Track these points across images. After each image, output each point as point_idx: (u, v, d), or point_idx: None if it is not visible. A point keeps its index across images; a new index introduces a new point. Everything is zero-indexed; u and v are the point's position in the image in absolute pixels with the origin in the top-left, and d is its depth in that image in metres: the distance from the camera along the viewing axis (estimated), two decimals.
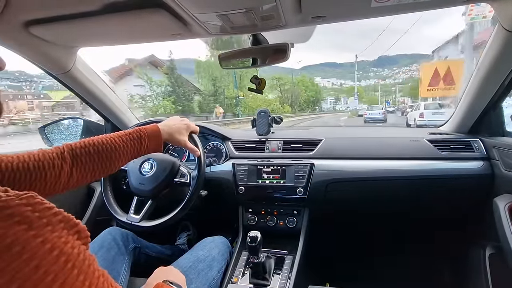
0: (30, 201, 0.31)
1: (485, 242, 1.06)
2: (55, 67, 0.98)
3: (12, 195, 0.30)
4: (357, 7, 0.70)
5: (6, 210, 0.28)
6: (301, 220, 1.10)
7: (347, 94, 64.07)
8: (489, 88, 0.95)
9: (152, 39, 0.91)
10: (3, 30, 0.75)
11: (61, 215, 0.32)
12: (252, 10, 0.66)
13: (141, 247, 1.00)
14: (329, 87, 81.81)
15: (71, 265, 0.30)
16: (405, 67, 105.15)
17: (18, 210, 0.29)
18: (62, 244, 0.30)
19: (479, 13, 1.46)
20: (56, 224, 0.31)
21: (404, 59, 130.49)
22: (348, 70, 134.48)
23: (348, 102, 61.25)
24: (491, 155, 1.02)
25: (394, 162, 1.08)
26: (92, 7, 0.67)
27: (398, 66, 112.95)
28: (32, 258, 0.27)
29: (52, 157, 0.63)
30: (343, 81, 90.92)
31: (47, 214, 0.31)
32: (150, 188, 1.00)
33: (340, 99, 66.85)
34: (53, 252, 0.29)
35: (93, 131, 1.32)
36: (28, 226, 0.28)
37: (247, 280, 0.92)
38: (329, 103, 65.60)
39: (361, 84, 67.80)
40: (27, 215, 0.29)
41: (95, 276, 0.33)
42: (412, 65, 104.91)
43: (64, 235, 0.31)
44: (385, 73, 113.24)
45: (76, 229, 0.33)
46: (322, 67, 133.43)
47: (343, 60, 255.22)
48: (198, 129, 0.94)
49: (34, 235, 0.28)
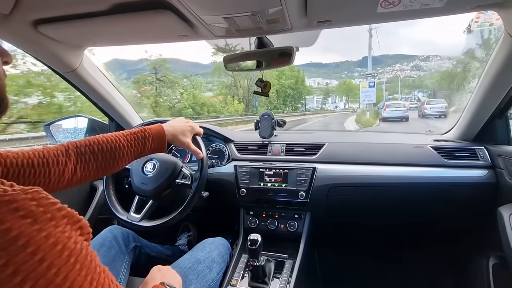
0: (35, 196, 0.31)
1: (489, 252, 1.05)
2: (62, 65, 1.00)
3: (18, 190, 0.31)
4: (362, 13, 0.70)
5: (12, 204, 0.29)
6: (302, 224, 1.09)
7: (339, 92, 62.29)
8: (495, 96, 0.94)
9: (158, 40, 0.92)
10: (13, 29, 0.76)
11: (64, 210, 0.33)
12: (258, 13, 0.67)
13: (141, 247, 1.00)
14: (315, 86, 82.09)
15: (73, 260, 0.30)
16: (388, 67, 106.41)
17: (24, 205, 0.30)
18: (65, 239, 0.31)
19: (486, 21, 1.46)
20: (59, 219, 0.32)
21: (387, 59, 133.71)
22: (333, 70, 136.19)
23: (337, 101, 59.20)
24: (496, 164, 1.00)
25: (397, 168, 1.07)
26: (99, 7, 0.68)
27: (381, 66, 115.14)
28: (37, 251, 0.28)
29: (57, 154, 0.64)
30: (328, 80, 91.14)
31: (51, 209, 0.32)
32: (151, 188, 1.00)
33: (328, 97, 65.04)
34: (56, 246, 0.30)
35: (97, 130, 1.33)
36: (33, 220, 0.29)
37: (246, 283, 0.91)
38: (315, 102, 63.80)
39: (344, 88, 68.28)
40: (32, 210, 0.30)
41: (97, 272, 0.33)
42: (395, 65, 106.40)
43: (68, 230, 0.32)
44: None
45: (79, 225, 0.34)
46: (307, 67, 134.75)
47: (328, 60, 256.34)
48: (202, 131, 0.94)
49: (38, 229, 0.29)
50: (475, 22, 1.53)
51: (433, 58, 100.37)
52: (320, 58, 54.72)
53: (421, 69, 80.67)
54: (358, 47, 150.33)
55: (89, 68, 1.07)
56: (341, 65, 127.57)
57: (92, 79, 1.10)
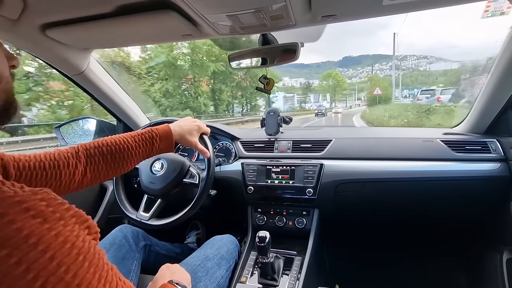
0: (44, 197, 0.32)
1: (502, 246, 1.03)
2: (69, 68, 1.01)
3: (28, 191, 0.32)
4: (368, 6, 0.69)
5: (23, 205, 0.30)
6: (311, 221, 1.09)
7: (322, 90, 60.22)
8: (507, 87, 0.91)
9: (163, 40, 0.93)
10: (21, 33, 0.77)
11: (72, 210, 0.34)
12: (261, 10, 0.66)
13: (151, 245, 1.01)
14: (297, 86, 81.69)
15: (82, 258, 0.31)
16: (368, 67, 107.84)
17: (34, 205, 0.31)
18: (74, 237, 0.32)
19: (497, 9, 1.41)
20: (68, 219, 0.33)
21: (367, 59, 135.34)
22: (315, 71, 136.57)
23: (319, 100, 56.95)
24: (508, 157, 0.98)
25: (406, 163, 1.05)
26: (105, 10, 0.68)
27: (361, 66, 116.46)
28: (47, 249, 0.29)
29: (67, 156, 0.65)
30: (311, 81, 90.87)
31: (60, 209, 0.33)
32: (160, 187, 1.01)
33: (309, 97, 62.80)
34: (66, 244, 0.30)
35: (105, 131, 1.35)
36: (43, 220, 0.30)
37: (255, 280, 0.92)
38: (296, 102, 61.76)
39: (329, 83, 67.34)
40: (42, 210, 0.31)
41: (105, 270, 0.34)
42: (375, 64, 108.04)
43: (76, 229, 0.33)
44: (350, 72, 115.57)
45: (86, 224, 0.35)
46: (289, 68, 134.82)
47: (310, 61, 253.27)
48: (209, 131, 0.94)
49: (48, 228, 0.30)
50: (485, 11, 1.48)
51: (410, 57, 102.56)
52: (302, 59, 54.92)
53: (399, 68, 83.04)
54: (339, 47, 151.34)
55: (96, 70, 1.09)
56: (322, 65, 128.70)
57: (99, 80, 1.11)
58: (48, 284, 0.28)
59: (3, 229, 0.28)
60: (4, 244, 0.27)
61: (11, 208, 0.29)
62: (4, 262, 0.27)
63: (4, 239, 0.27)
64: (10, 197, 0.30)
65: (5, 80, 0.42)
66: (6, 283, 0.27)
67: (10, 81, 0.43)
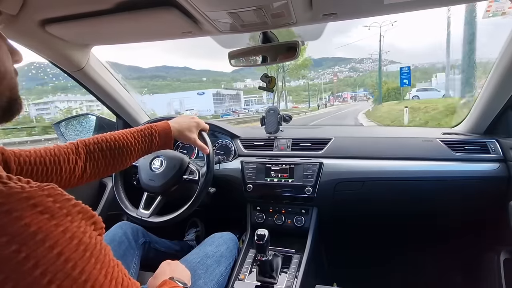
0: (51, 193, 0.32)
1: (500, 246, 1.03)
2: (69, 64, 1.01)
3: (35, 187, 0.32)
4: (369, 4, 0.69)
5: (30, 201, 0.30)
6: (309, 219, 1.10)
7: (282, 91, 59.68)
8: (507, 87, 0.91)
9: (163, 37, 0.92)
10: (21, 29, 0.77)
11: (79, 206, 0.34)
12: (262, 7, 0.66)
13: (150, 242, 1.02)
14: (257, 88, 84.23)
15: (89, 254, 0.31)
16: (328, 69, 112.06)
17: (41, 201, 0.30)
18: (81, 233, 0.32)
19: (498, 9, 1.41)
20: (75, 215, 0.33)
21: (327, 61, 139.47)
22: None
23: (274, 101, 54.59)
24: (508, 157, 0.98)
25: (405, 163, 1.05)
26: (105, 6, 0.68)
27: (322, 68, 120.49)
28: (55, 245, 0.29)
29: (67, 152, 0.65)
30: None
31: (67, 205, 0.33)
32: (159, 184, 1.01)
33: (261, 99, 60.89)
34: (73, 241, 0.30)
35: (105, 128, 1.35)
36: (50, 216, 0.30)
37: (254, 277, 0.92)
38: (243, 104, 60.71)
39: (291, 85, 67.69)
40: (49, 206, 0.31)
41: (111, 266, 0.34)
42: (335, 67, 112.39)
43: (83, 225, 0.33)
44: (312, 74, 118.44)
45: (92, 220, 0.35)
46: (251, 69, 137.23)
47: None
48: (208, 127, 0.94)
49: (55, 224, 0.30)
50: (486, 11, 1.48)
51: (366, 60, 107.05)
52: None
53: (358, 70, 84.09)
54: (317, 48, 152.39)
55: (96, 66, 1.09)
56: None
57: (99, 77, 1.11)
58: (56, 280, 0.28)
59: (11, 225, 0.28)
60: (12, 240, 0.27)
61: (19, 204, 0.29)
62: (12, 258, 0.27)
63: (12, 235, 0.27)
64: (18, 193, 0.30)
65: (9, 76, 0.41)
66: (14, 279, 0.27)
67: (14, 76, 0.43)
